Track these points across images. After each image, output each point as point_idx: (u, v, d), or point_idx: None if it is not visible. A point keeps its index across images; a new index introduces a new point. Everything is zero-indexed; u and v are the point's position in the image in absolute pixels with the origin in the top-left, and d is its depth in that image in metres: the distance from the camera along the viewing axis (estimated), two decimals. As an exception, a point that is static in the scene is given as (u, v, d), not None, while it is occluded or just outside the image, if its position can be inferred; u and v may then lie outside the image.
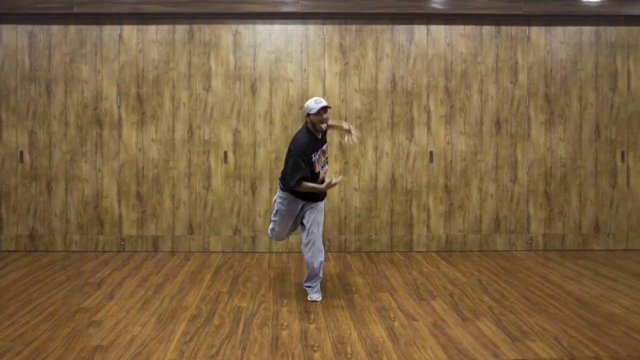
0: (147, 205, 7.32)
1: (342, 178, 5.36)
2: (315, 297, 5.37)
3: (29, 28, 7.25)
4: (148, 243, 7.33)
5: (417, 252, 7.38)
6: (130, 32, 7.27)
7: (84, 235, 7.31)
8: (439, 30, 7.36)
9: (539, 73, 7.41)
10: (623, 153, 7.44)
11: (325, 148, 5.34)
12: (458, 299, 5.33)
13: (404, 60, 7.35)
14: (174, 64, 7.28)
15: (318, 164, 5.24)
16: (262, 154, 7.29)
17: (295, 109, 7.28)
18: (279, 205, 5.43)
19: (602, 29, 7.44)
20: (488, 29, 7.39)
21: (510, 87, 7.40)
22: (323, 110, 5.12)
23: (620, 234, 7.48)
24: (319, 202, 5.42)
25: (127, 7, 7.05)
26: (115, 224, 7.32)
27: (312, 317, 4.83)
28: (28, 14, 7.14)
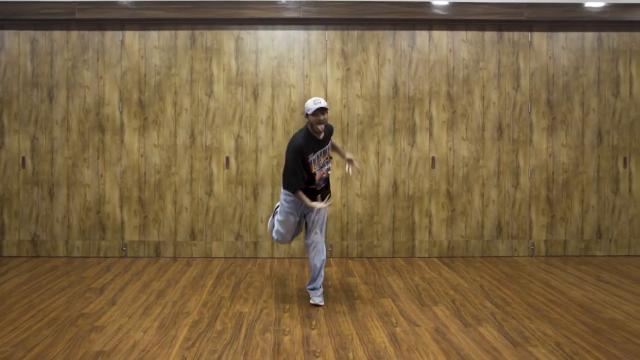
0: (149, 211, 7.32)
1: (328, 204, 5.28)
2: (318, 300, 5.35)
3: (31, 34, 7.27)
4: (150, 249, 7.33)
5: (419, 257, 7.37)
6: (132, 37, 7.28)
7: (86, 241, 7.32)
8: (441, 36, 7.37)
9: (541, 79, 7.42)
10: (625, 159, 7.44)
11: (327, 148, 5.30)
12: (460, 305, 5.33)
13: (406, 66, 7.36)
14: (176, 70, 7.29)
15: (315, 165, 5.20)
16: (264, 160, 7.29)
17: (297, 115, 7.29)
18: (283, 203, 5.40)
19: (604, 35, 7.44)
20: (490, 35, 7.39)
21: (512, 92, 7.40)
22: (320, 111, 5.06)
23: (622, 240, 7.47)
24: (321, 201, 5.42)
25: (129, 12, 7.07)
26: (117, 230, 7.32)
27: (314, 322, 4.82)
28: (30, 20, 7.16)
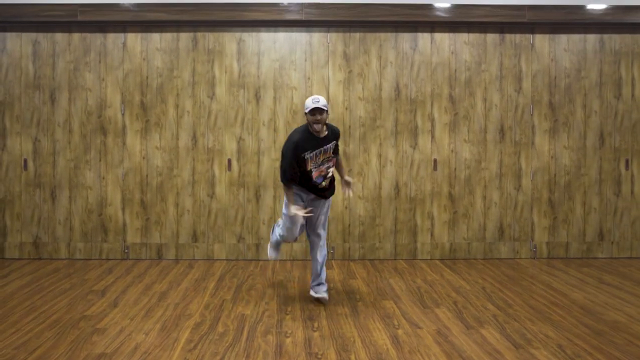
0: (151, 213, 7.32)
1: (305, 212, 5.22)
2: (324, 294, 5.38)
3: (33, 36, 7.28)
4: (152, 251, 7.33)
5: (421, 260, 7.37)
6: (134, 40, 7.29)
7: (88, 243, 7.32)
8: (443, 38, 7.37)
9: (543, 81, 7.41)
10: (627, 161, 7.43)
11: (328, 148, 5.23)
12: (462, 307, 5.32)
13: (408, 68, 7.36)
14: (178, 72, 7.30)
15: (311, 163, 5.17)
16: (266, 162, 7.29)
17: (299, 117, 7.29)
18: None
19: (606, 37, 7.44)
20: (492, 37, 7.39)
21: (514, 95, 7.40)
22: (316, 111, 5.02)
23: (625, 242, 7.47)
24: (325, 199, 5.41)
25: (131, 15, 7.07)
26: (119, 232, 7.33)
27: (316, 324, 4.82)
28: (32, 22, 7.17)
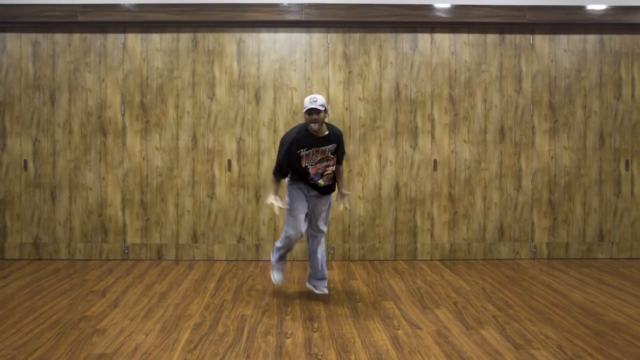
0: (151, 214, 7.32)
1: (277, 206, 5.23)
2: (324, 289, 5.53)
3: (33, 36, 7.28)
4: (152, 251, 7.33)
5: (421, 260, 7.37)
6: (134, 40, 7.29)
7: (88, 244, 7.32)
8: (443, 39, 7.38)
9: (543, 81, 7.41)
10: (627, 161, 7.43)
11: (326, 149, 5.20)
12: (462, 308, 5.32)
13: (408, 69, 7.36)
14: (178, 73, 7.30)
15: (306, 160, 5.17)
16: (266, 163, 7.29)
17: (299, 117, 7.29)
18: (289, 188, 5.40)
19: (606, 37, 7.44)
20: (492, 38, 7.40)
21: (515, 95, 7.40)
22: (313, 111, 5.00)
23: (625, 243, 7.47)
24: (324, 195, 5.42)
25: (131, 15, 7.07)
26: (119, 232, 7.33)
27: (316, 325, 4.82)
28: (32, 23, 7.17)
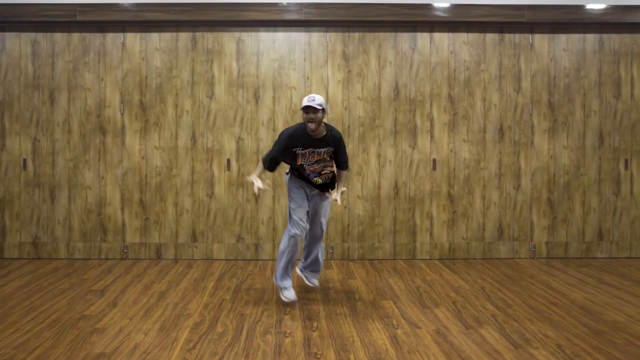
0: (150, 213, 7.32)
1: (263, 186, 5.15)
2: (315, 282, 5.68)
3: (32, 36, 7.28)
4: (151, 251, 7.33)
5: (420, 259, 7.37)
6: (134, 39, 7.29)
7: (87, 243, 7.32)
8: (442, 38, 7.37)
9: (542, 81, 7.41)
10: (626, 161, 7.44)
11: (322, 151, 5.17)
12: (461, 307, 5.32)
13: (407, 68, 7.36)
14: (177, 72, 7.30)
15: (302, 159, 5.16)
16: (265, 162, 7.29)
17: (298, 117, 7.29)
18: (290, 186, 5.38)
19: (605, 37, 7.44)
20: (491, 37, 7.39)
21: (514, 94, 7.40)
22: (309, 109, 4.95)
23: (624, 242, 7.47)
24: (322, 192, 5.41)
25: (130, 14, 7.07)
26: (119, 232, 7.33)
27: (315, 324, 4.82)
28: (31, 22, 7.16)
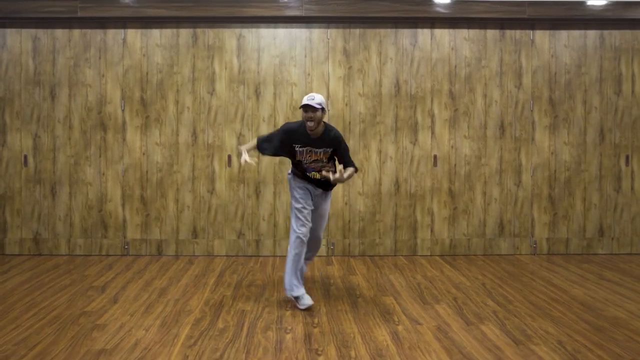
0: (151, 209, 7.32)
1: (250, 160, 5.05)
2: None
3: (33, 32, 7.27)
4: (152, 247, 7.33)
5: (421, 256, 7.37)
6: (134, 36, 7.28)
7: (88, 239, 7.32)
8: (443, 34, 7.36)
9: (543, 77, 7.40)
10: (627, 157, 7.43)
11: (319, 152, 5.13)
12: (462, 303, 5.33)
13: (408, 64, 7.35)
14: (178, 68, 7.29)
15: (300, 156, 5.14)
16: (266, 158, 7.28)
17: (299, 113, 7.28)
18: (293, 186, 5.30)
19: (606, 33, 7.43)
20: (492, 33, 7.38)
21: (515, 91, 7.39)
22: (307, 108, 4.93)
23: (625, 238, 7.47)
24: (327, 192, 5.38)
25: (131, 11, 7.06)
26: (119, 228, 7.33)
27: (315, 320, 4.82)
28: (32, 18, 7.16)
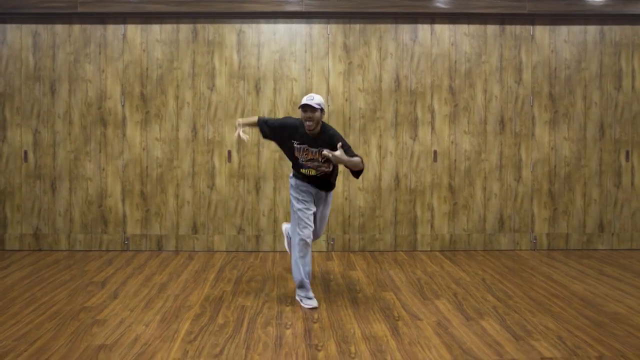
0: (151, 205, 7.32)
1: (243, 136, 5.05)
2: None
3: (33, 27, 7.26)
4: (152, 242, 7.34)
5: (421, 251, 7.37)
6: (134, 31, 7.27)
7: (88, 235, 7.32)
8: (443, 30, 7.36)
9: (543, 72, 7.40)
10: (627, 152, 7.43)
11: (316, 152, 5.03)
12: (462, 299, 5.33)
13: (408, 60, 7.34)
14: (178, 63, 7.28)
15: (297, 153, 5.08)
16: (266, 154, 7.28)
17: (299, 109, 7.27)
18: (295, 189, 5.18)
19: (606, 28, 7.42)
20: (492, 28, 7.37)
21: (515, 86, 7.39)
22: (306, 107, 4.88)
23: (625, 234, 7.47)
24: (325, 192, 5.34)
25: (131, 6, 7.05)
26: (119, 223, 7.33)
27: (315, 316, 4.82)
28: (32, 14, 7.15)
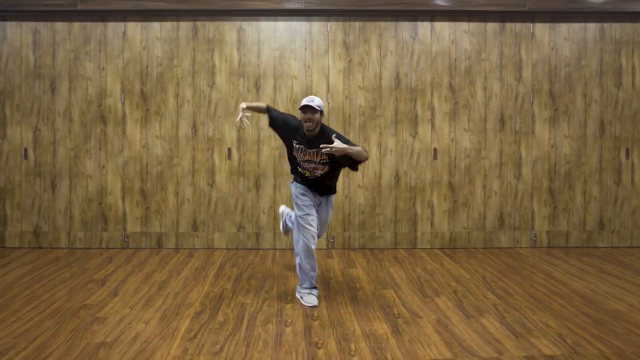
0: (151, 202, 7.32)
1: (243, 124, 5.17)
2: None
3: (33, 25, 7.26)
4: (152, 240, 7.34)
5: (421, 249, 7.37)
6: (134, 29, 7.27)
7: (88, 232, 7.32)
8: (443, 27, 7.35)
9: (543, 70, 7.39)
10: (627, 150, 7.43)
11: (313, 152, 5.03)
12: (462, 296, 5.33)
13: (408, 57, 7.34)
14: (178, 61, 7.28)
15: (295, 152, 5.10)
16: (265, 151, 7.28)
17: (299, 106, 7.26)
18: (296, 193, 5.16)
19: (606, 26, 7.42)
20: (492, 26, 7.37)
21: (515, 83, 7.38)
22: (307, 108, 4.91)
23: (625, 231, 7.47)
24: (326, 197, 5.34)
25: (131, 4, 7.05)
26: (119, 221, 7.33)
27: (315, 313, 4.83)
28: (32, 11, 7.14)
